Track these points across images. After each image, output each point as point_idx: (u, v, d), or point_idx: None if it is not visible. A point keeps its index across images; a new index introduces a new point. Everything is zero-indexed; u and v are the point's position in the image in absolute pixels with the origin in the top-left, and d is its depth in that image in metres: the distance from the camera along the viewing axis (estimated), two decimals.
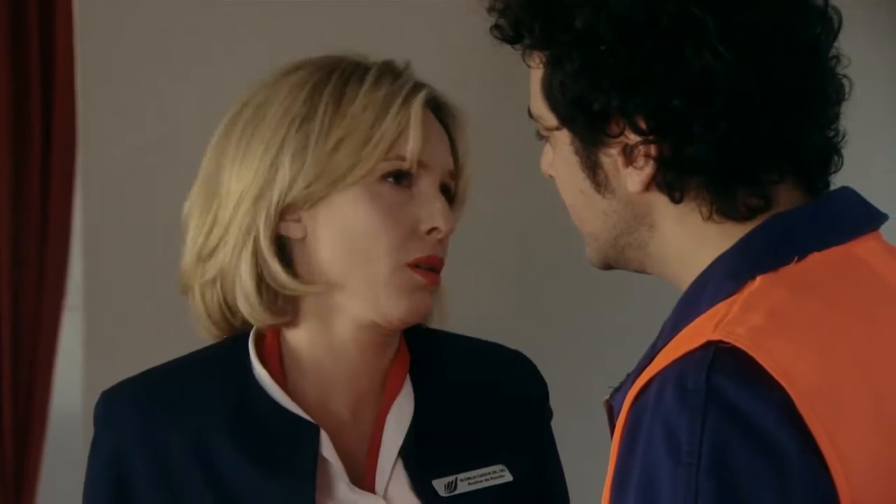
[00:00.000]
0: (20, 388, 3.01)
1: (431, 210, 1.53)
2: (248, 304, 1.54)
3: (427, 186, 1.55)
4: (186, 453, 1.52)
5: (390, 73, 1.56)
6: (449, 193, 1.59)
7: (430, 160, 1.55)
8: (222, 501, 1.51)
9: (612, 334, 3.62)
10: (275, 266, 1.53)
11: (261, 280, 1.54)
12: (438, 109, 1.59)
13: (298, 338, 1.58)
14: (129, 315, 3.14)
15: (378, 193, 1.52)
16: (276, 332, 1.58)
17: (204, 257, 1.56)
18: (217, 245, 1.54)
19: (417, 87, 1.56)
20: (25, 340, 3.02)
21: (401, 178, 1.53)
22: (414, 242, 1.53)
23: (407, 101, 1.53)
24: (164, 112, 3.22)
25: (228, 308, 1.58)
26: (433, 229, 1.53)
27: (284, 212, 1.53)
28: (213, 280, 1.56)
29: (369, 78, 1.54)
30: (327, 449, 1.53)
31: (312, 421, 1.53)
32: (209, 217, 1.55)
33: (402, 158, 1.53)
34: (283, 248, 1.55)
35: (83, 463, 1.59)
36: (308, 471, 1.51)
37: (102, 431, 1.56)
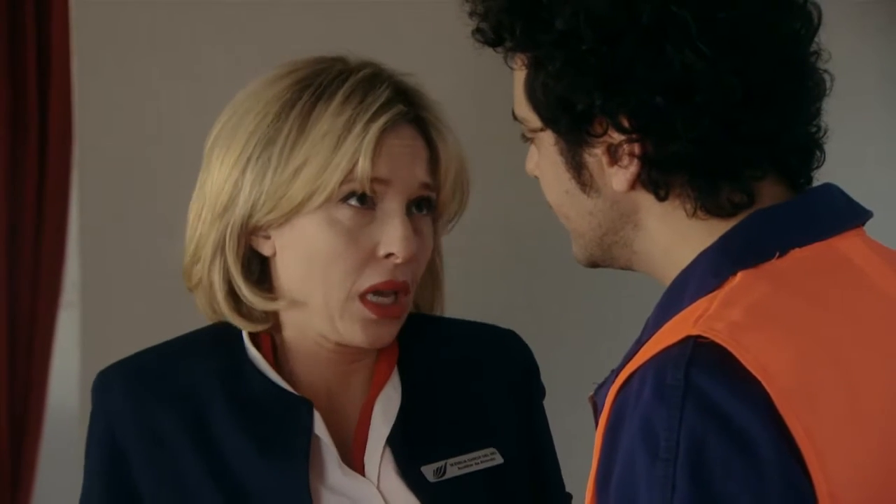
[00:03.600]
0: (17, 384, 3.01)
1: (389, 234, 1.52)
2: (225, 314, 1.58)
3: (389, 206, 1.53)
4: (179, 426, 1.54)
5: (362, 90, 1.53)
6: (430, 205, 1.57)
7: (390, 176, 1.52)
8: (215, 473, 1.52)
9: (600, 331, 3.63)
10: (241, 282, 1.55)
11: (232, 292, 1.57)
12: (417, 122, 1.57)
13: (285, 336, 1.60)
14: (125, 311, 3.15)
15: (337, 218, 1.51)
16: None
17: (193, 262, 1.59)
18: (200, 255, 1.57)
19: (385, 106, 1.53)
20: (22, 337, 3.02)
21: (362, 199, 1.52)
22: (372, 267, 1.52)
23: (368, 125, 1.51)
24: (161, 108, 3.22)
25: (215, 312, 1.61)
26: (390, 255, 1.52)
27: (256, 228, 1.55)
28: (198, 285, 1.59)
29: (339, 97, 1.52)
30: (319, 427, 1.54)
31: (305, 398, 1.55)
32: (199, 223, 1.58)
33: (355, 181, 1.51)
34: (262, 262, 1.58)
35: (80, 459, 1.61)
36: (302, 448, 1.52)
37: (96, 408, 1.58)
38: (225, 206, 1.54)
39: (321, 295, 1.53)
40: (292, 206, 1.51)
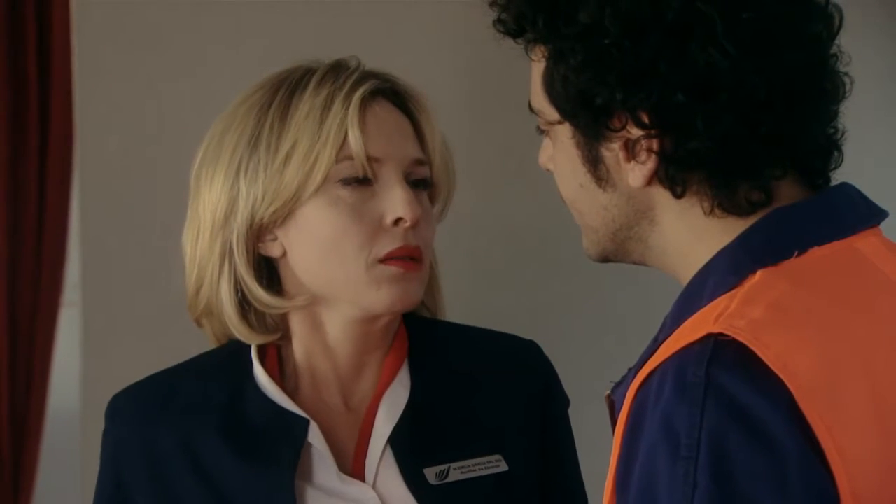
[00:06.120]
0: (17, 384, 3.01)
1: (393, 201, 1.52)
2: (234, 329, 1.58)
3: (387, 178, 1.53)
4: (176, 449, 1.55)
5: (334, 73, 1.55)
6: (426, 183, 1.58)
7: (383, 154, 1.53)
8: (210, 494, 1.53)
9: (601, 332, 3.63)
10: (254, 287, 1.55)
11: (243, 303, 1.57)
12: (396, 97, 1.58)
13: (293, 349, 1.60)
14: (126, 311, 3.14)
15: (338, 198, 1.52)
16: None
17: (197, 288, 1.59)
18: (204, 276, 1.57)
19: (361, 80, 1.55)
20: (22, 337, 3.02)
21: (360, 179, 1.53)
22: (383, 237, 1.53)
23: (347, 99, 1.53)
24: (161, 108, 3.22)
25: (225, 335, 1.61)
26: (398, 220, 1.53)
27: (261, 232, 1.55)
28: (206, 310, 1.59)
29: (312, 83, 1.54)
30: (315, 436, 1.54)
31: (303, 414, 1.55)
32: (197, 247, 1.58)
33: (352, 158, 1.52)
34: (271, 269, 1.58)
35: (81, 459, 1.63)
36: (289, 458, 1.52)
37: (106, 431, 1.61)
38: (225, 216, 1.55)
39: (342, 274, 1.53)
40: (291, 193, 1.52)
